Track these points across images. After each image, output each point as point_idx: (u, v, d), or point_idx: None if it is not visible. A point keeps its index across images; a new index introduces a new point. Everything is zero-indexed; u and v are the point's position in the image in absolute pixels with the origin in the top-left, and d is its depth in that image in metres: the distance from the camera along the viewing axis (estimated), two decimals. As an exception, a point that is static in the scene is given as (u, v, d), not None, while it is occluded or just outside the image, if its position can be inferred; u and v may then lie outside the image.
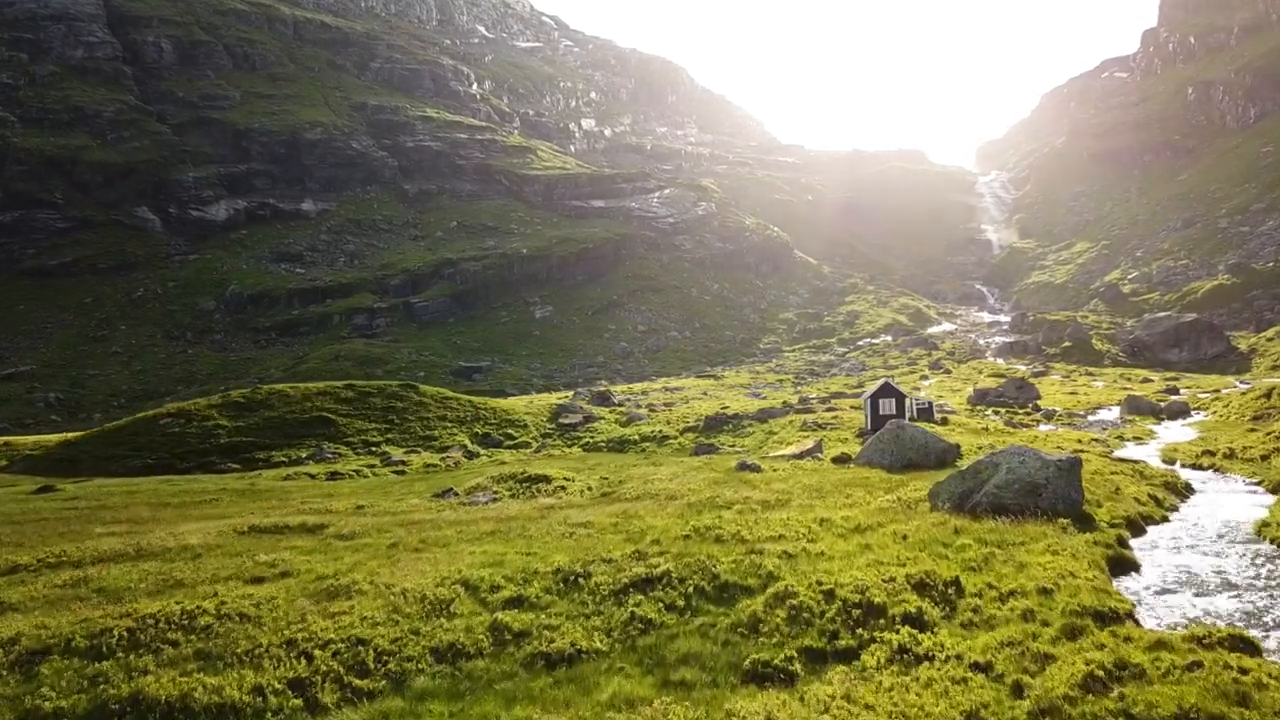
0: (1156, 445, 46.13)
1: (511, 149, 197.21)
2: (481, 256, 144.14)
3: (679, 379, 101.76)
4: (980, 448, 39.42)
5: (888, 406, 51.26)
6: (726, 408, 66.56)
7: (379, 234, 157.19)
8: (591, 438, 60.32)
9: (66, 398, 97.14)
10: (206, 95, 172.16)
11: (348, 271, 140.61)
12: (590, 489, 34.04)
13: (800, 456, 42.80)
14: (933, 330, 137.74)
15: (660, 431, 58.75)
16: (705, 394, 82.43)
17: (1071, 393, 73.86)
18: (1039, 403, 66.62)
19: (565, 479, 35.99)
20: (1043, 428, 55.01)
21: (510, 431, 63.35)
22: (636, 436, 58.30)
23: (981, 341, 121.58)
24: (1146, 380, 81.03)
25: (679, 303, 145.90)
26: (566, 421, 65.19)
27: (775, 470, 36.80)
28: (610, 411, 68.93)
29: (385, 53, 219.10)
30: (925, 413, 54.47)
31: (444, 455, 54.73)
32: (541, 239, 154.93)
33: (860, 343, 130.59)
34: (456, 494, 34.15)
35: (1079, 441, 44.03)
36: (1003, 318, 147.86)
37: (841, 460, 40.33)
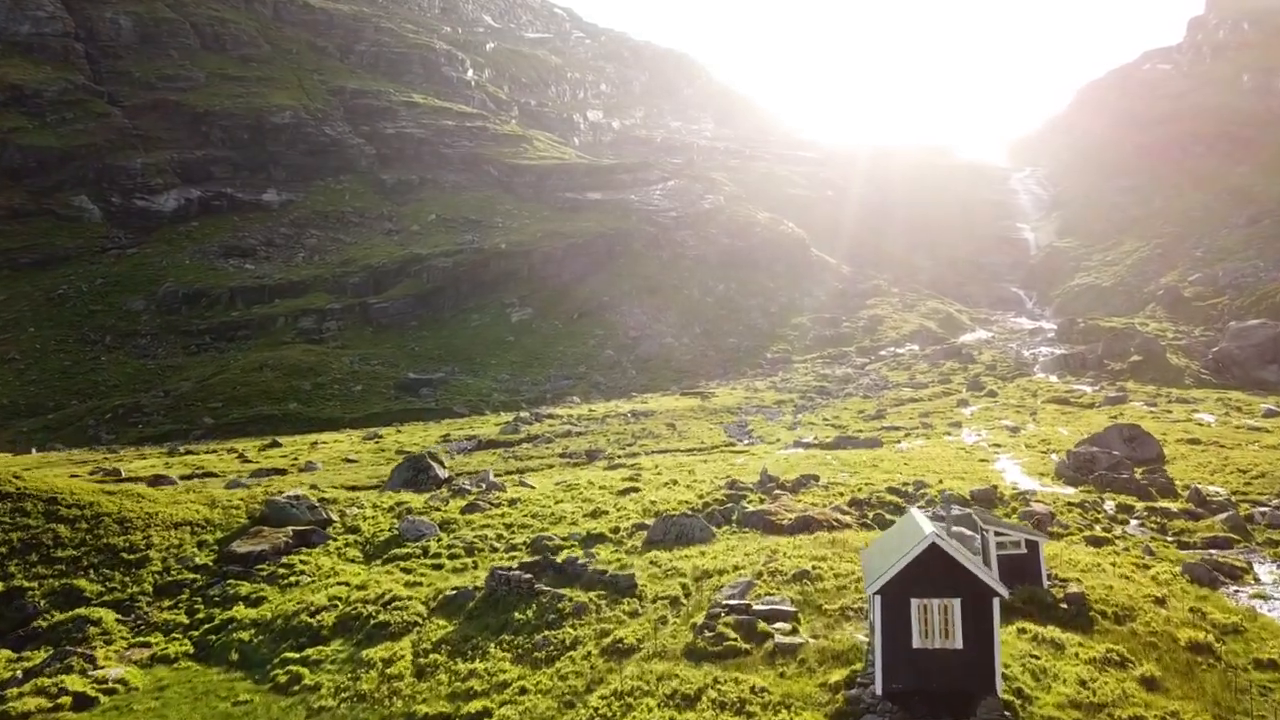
0: None
1: (504, 138, 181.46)
2: (454, 252, 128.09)
3: (659, 396, 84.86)
4: None
5: (936, 618, 18.77)
6: (622, 509, 36.30)
7: (348, 227, 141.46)
8: (253, 606, 29.29)
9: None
10: (166, 76, 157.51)
11: (303, 268, 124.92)
12: None
13: None
14: (966, 338, 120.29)
15: (401, 602, 27.99)
16: (672, 425, 63.59)
17: (1192, 440, 50.31)
18: (1184, 484, 36.82)
19: None
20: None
21: (79, 583, 30.90)
22: (328, 621, 27.20)
23: (1027, 353, 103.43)
24: (1271, 413, 60.92)
25: (678, 305, 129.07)
26: (246, 551, 32.69)
27: None
28: (411, 501, 38.97)
29: (372, 36, 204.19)
30: (1038, 604, 23.60)
31: None
32: (524, 233, 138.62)
33: (883, 352, 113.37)
34: None
35: None
36: (1045, 324, 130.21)
37: None
